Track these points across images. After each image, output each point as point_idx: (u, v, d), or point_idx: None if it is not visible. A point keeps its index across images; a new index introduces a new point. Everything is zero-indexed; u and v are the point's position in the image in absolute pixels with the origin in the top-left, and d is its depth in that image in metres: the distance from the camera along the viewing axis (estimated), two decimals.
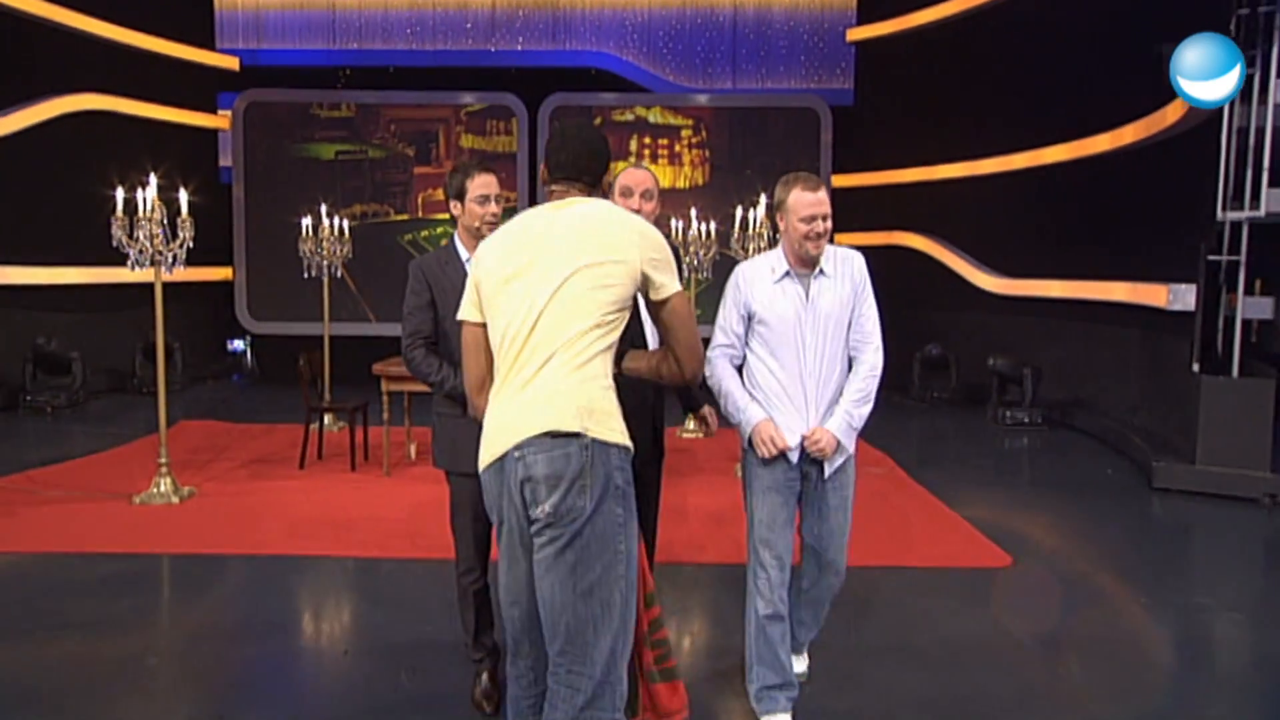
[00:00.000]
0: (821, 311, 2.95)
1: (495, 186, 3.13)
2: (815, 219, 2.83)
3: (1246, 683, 3.74)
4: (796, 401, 2.97)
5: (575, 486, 1.96)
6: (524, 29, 12.38)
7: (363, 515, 5.64)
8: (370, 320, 11.56)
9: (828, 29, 12.18)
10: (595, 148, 2.32)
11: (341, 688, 3.50)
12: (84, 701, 3.25)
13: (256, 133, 11.77)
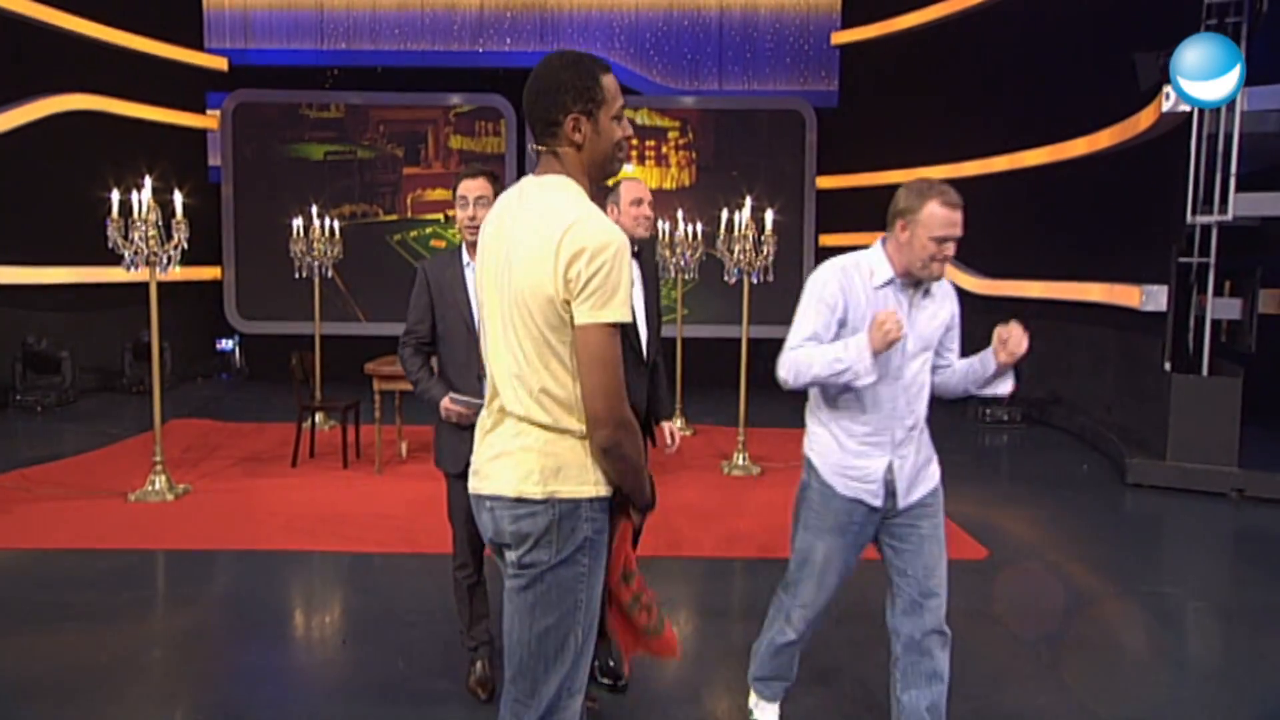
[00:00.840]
0: (920, 332, 2.62)
1: (477, 189, 3.06)
2: (948, 241, 2.50)
3: (1212, 668, 3.93)
4: (883, 435, 2.62)
5: (541, 542, 1.89)
6: (512, 30, 12.50)
7: (355, 511, 5.75)
8: (360, 320, 11.66)
9: (813, 32, 12.37)
10: (540, 86, 1.88)
11: (338, 677, 3.62)
12: (88, 692, 3.36)
13: (245, 133, 11.85)
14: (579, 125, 1.85)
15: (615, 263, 1.77)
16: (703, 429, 8.41)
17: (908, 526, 2.67)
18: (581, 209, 1.82)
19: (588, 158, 1.89)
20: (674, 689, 3.47)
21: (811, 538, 2.72)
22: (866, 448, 2.62)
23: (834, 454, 2.66)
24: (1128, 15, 7.74)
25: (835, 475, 2.67)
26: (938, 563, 2.66)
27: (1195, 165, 6.45)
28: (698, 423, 8.52)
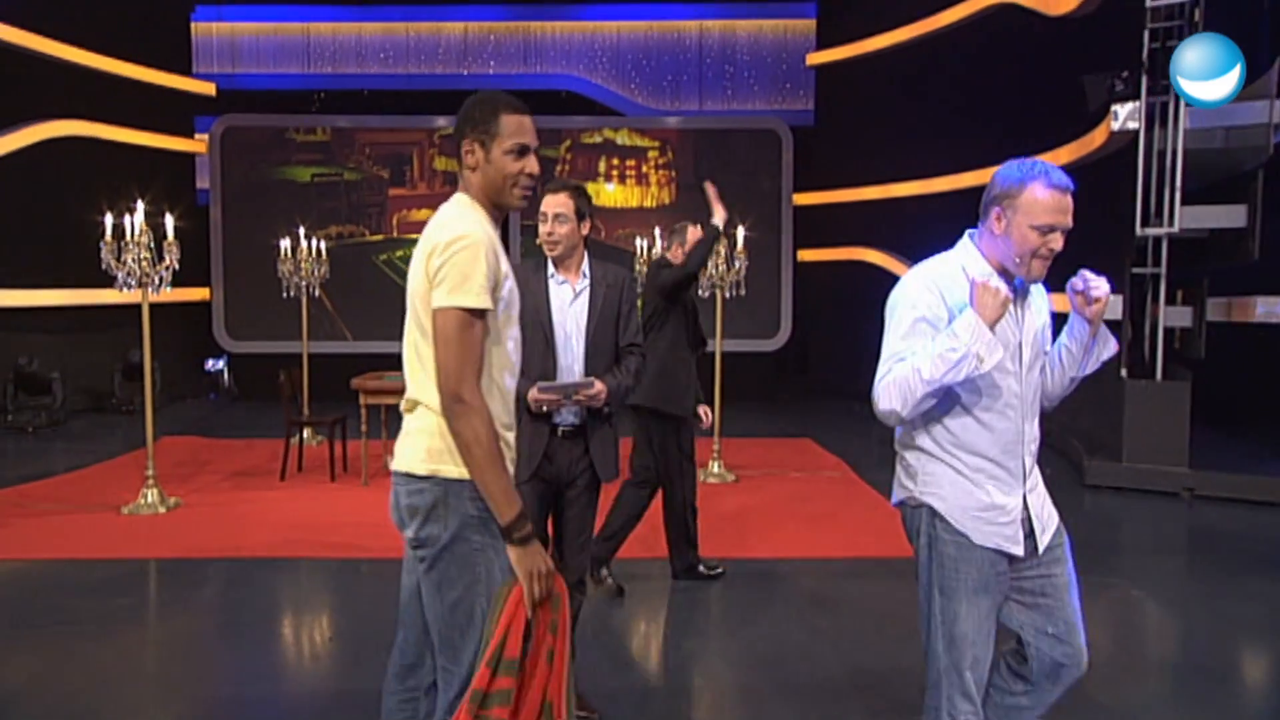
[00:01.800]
0: (1031, 338, 2.27)
1: (556, 205, 3.04)
2: (1054, 231, 2.13)
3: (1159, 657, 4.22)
4: (1013, 462, 2.22)
5: (430, 518, 2.05)
6: (496, 53, 12.83)
7: (342, 521, 5.99)
8: (347, 338, 11.90)
9: (789, 53, 12.75)
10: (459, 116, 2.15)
11: (326, 678, 3.87)
12: (87, 693, 3.57)
13: (233, 156, 12.11)
14: (473, 151, 2.11)
15: (466, 254, 1.97)
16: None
17: (1042, 577, 2.26)
18: (454, 215, 2.07)
19: (480, 181, 2.12)
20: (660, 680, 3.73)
21: (954, 605, 2.19)
22: (998, 482, 2.19)
23: (963, 494, 2.19)
24: (1079, 39, 8.12)
25: (969, 519, 2.18)
26: (1077, 615, 2.29)
27: (1144, 181, 6.80)
28: None
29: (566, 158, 12.49)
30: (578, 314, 3.11)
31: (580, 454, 3.09)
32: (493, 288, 2.04)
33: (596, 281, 3.16)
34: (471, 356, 2.01)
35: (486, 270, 2.01)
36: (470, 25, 12.79)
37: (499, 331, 2.11)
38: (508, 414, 2.17)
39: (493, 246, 2.06)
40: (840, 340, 11.50)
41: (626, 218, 12.25)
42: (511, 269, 2.36)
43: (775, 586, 4.82)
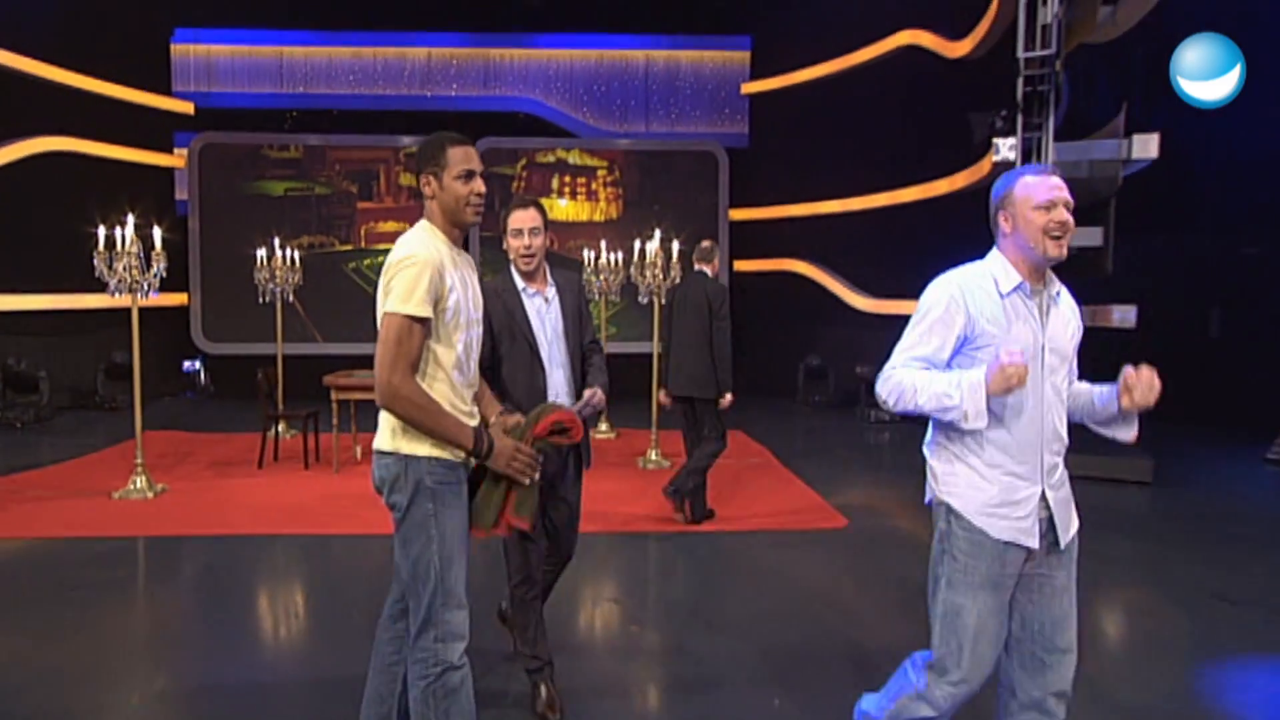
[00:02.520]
0: (1055, 343, 2.22)
1: (530, 220, 3.06)
2: (1056, 204, 2.13)
3: None
4: (1030, 461, 2.20)
5: (394, 488, 2.33)
6: (457, 77, 13.04)
7: (315, 504, 6.29)
8: (317, 340, 12.11)
9: (726, 82, 13.18)
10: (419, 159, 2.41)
11: (300, 637, 4.22)
12: (88, 652, 3.87)
13: (211, 171, 12.23)
14: (429, 183, 2.37)
15: (413, 270, 2.22)
16: (624, 431, 9.12)
17: (1042, 576, 2.25)
18: (410, 239, 2.33)
19: (438, 208, 2.38)
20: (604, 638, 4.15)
21: (959, 597, 2.21)
22: (1014, 479, 2.19)
23: (980, 491, 2.20)
24: (972, 80, 8.74)
25: (984, 516, 2.19)
26: (1068, 616, 2.25)
27: None
28: (620, 426, 9.23)
29: (522, 175, 12.82)
30: (554, 321, 3.12)
31: (567, 449, 3.06)
32: (435, 300, 2.27)
33: (561, 288, 3.17)
34: (405, 354, 2.24)
35: (428, 285, 2.24)
36: (433, 51, 12.97)
37: (448, 335, 2.35)
38: (462, 401, 2.41)
39: (438, 266, 2.28)
40: (772, 342, 12.01)
41: (577, 231, 12.64)
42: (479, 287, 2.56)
43: (710, 553, 5.29)
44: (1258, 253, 9.06)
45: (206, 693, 3.37)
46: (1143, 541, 5.68)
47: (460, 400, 2.40)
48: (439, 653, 2.32)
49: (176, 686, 3.47)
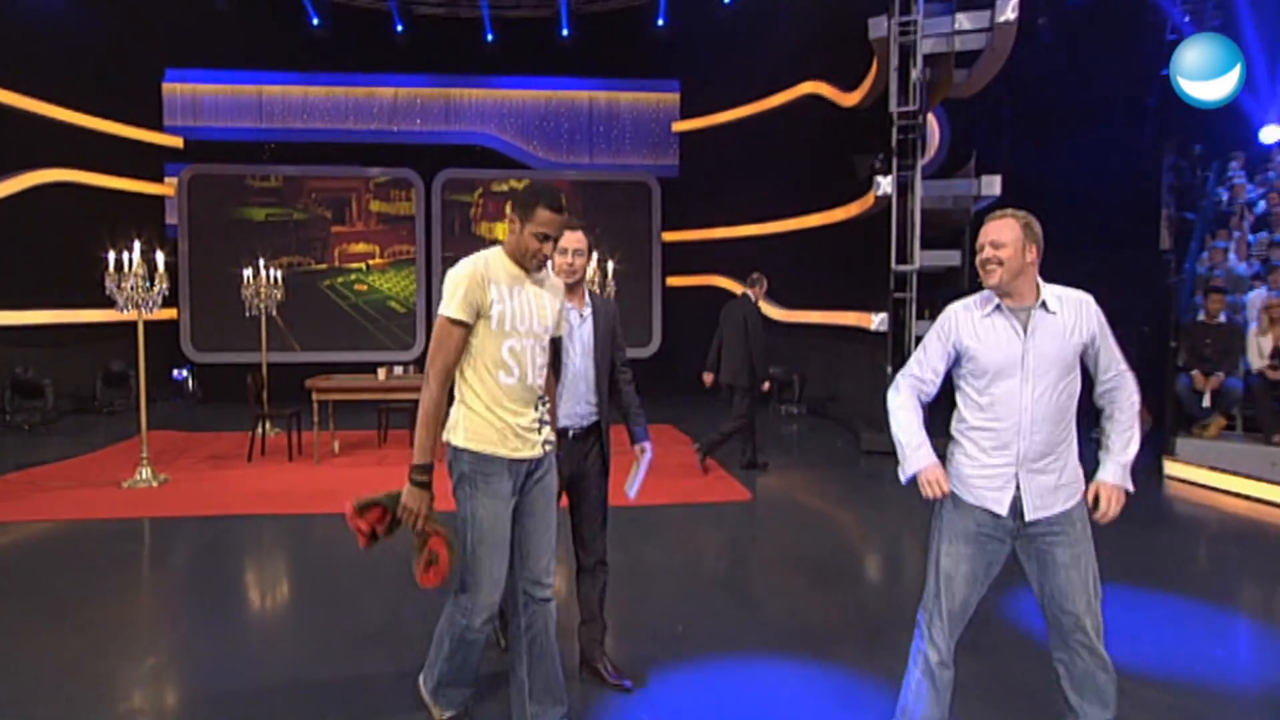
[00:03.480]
0: (1041, 351, 2.41)
1: (577, 242, 3.00)
2: (983, 247, 2.45)
3: (905, 571, 5.43)
4: (1009, 448, 2.42)
5: (451, 471, 2.55)
6: (421, 113, 13.36)
7: (299, 490, 6.70)
8: (295, 349, 12.42)
9: (660, 120, 13.78)
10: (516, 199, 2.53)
11: (289, 600, 4.70)
12: (110, 608, 4.27)
13: (198, 198, 12.47)
14: (514, 221, 2.51)
15: (451, 281, 2.43)
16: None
17: (1042, 550, 2.45)
18: (473, 255, 2.51)
19: (513, 244, 2.52)
20: None
21: (941, 544, 2.53)
22: (993, 457, 2.43)
23: (966, 465, 2.49)
24: (861, 125, 9.51)
25: (962, 483, 2.50)
26: (1076, 591, 2.41)
27: (897, 232, 8.15)
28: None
29: (479, 202, 13.28)
30: (585, 337, 3.08)
31: (589, 448, 3.11)
32: (475, 307, 2.44)
33: (596, 310, 3.14)
34: (441, 351, 2.43)
35: (465, 294, 2.42)
36: (400, 90, 13.26)
37: (492, 339, 2.47)
38: (507, 398, 2.51)
39: (479, 279, 2.44)
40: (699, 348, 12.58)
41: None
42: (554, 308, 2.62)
43: (630, 522, 5.86)
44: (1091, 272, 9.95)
45: (212, 645, 3.72)
46: None
47: (506, 397, 2.51)
48: (465, 614, 2.56)
49: (186, 642, 3.79)
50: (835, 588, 4.58)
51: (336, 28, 12.63)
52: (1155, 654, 3.60)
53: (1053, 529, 2.43)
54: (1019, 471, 2.41)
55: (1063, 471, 2.43)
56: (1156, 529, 5.75)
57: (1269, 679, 3.46)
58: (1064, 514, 2.43)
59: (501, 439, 2.51)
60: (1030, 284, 2.44)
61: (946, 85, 7.92)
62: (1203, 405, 7.02)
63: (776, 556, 5.17)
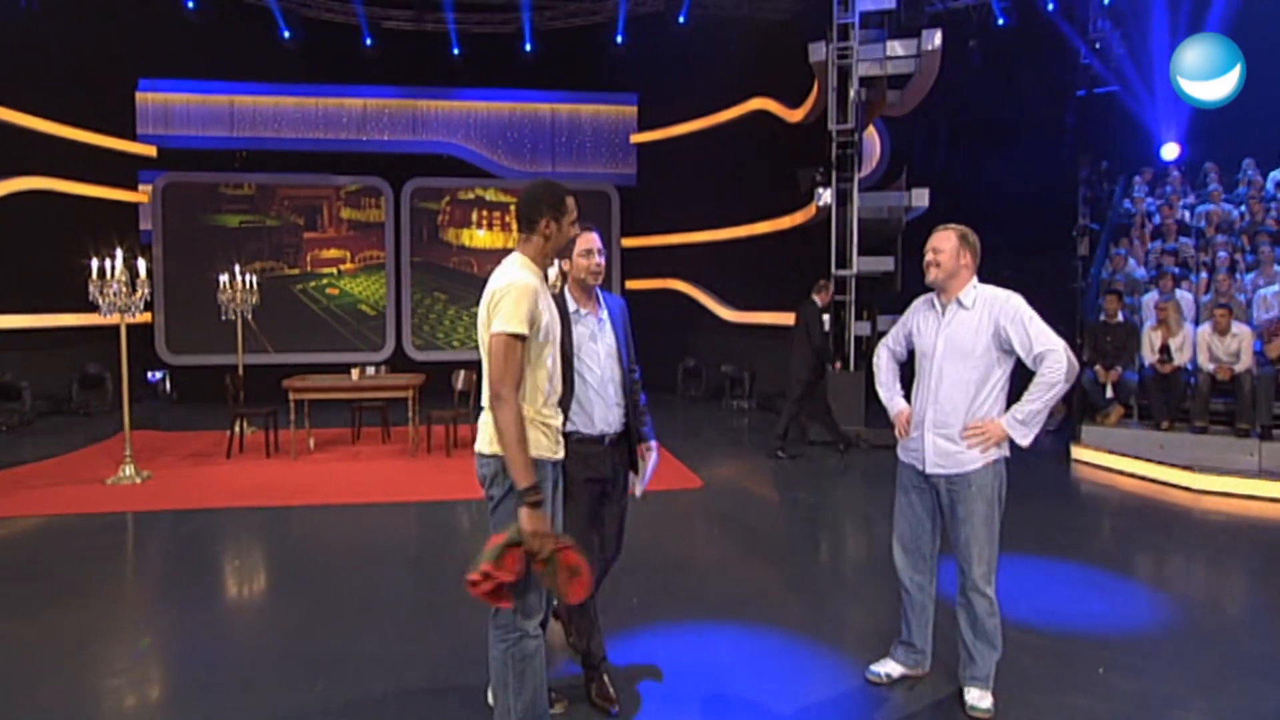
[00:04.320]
0: (952, 340, 2.89)
1: (600, 242, 2.93)
2: (929, 250, 2.94)
3: (844, 545, 5.81)
4: (922, 415, 2.96)
5: (493, 483, 2.43)
6: (389, 124, 13.39)
7: (277, 484, 6.84)
8: (268, 351, 12.46)
9: (619, 132, 14.04)
10: (529, 195, 2.46)
11: (270, 583, 4.91)
12: (105, 593, 4.45)
13: (173, 206, 12.41)
14: (549, 225, 2.45)
15: (516, 294, 2.32)
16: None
17: (949, 505, 2.93)
18: (512, 270, 2.41)
19: (552, 247, 2.49)
20: None
21: (896, 493, 3.12)
22: (915, 421, 2.99)
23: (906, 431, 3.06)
24: (806, 140, 9.92)
25: (901, 447, 3.09)
26: (965, 544, 2.87)
27: (836, 239, 8.57)
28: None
29: (446, 209, 13.43)
30: (609, 340, 2.93)
31: (621, 456, 3.01)
32: (531, 321, 2.35)
33: (612, 310, 3.01)
34: (511, 368, 2.31)
35: (528, 309, 2.34)
36: (369, 101, 13.28)
37: (540, 351, 2.43)
38: (549, 407, 2.49)
39: (536, 293, 2.37)
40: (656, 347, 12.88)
41: (493, 257, 13.26)
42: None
43: None
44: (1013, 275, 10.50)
45: (198, 627, 3.89)
46: None
47: (546, 403, 2.50)
48: (517, 622, 2.41)
49: (175, 621, 3.97)
50: (779, 561, 4.94)
51: (307, 40, 12.67)
52: (1045, 609, 4.02)
53: (954, 487, 2.88)
54: (925, 432, 2.93)
55: (955, 434, 2.88)
56: (1063, 506, 6.23)
57: (1133, 625, 3.89)
58: (962, 475, 2.87)
59: (552, 443, 2.51)
60: (960, 284, 2.91)
61: (881, 105, 8.36)
62: (1105, 396, 7.55)
63: (725, 536, 5.51)
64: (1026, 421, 2.80)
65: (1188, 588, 4.60)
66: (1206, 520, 5.88)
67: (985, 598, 2.87)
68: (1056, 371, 2.76)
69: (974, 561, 2.86)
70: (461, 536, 5.60)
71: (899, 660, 3.25)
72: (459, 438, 8.45)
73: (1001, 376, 2.89)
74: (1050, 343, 2.79)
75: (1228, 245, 9.01)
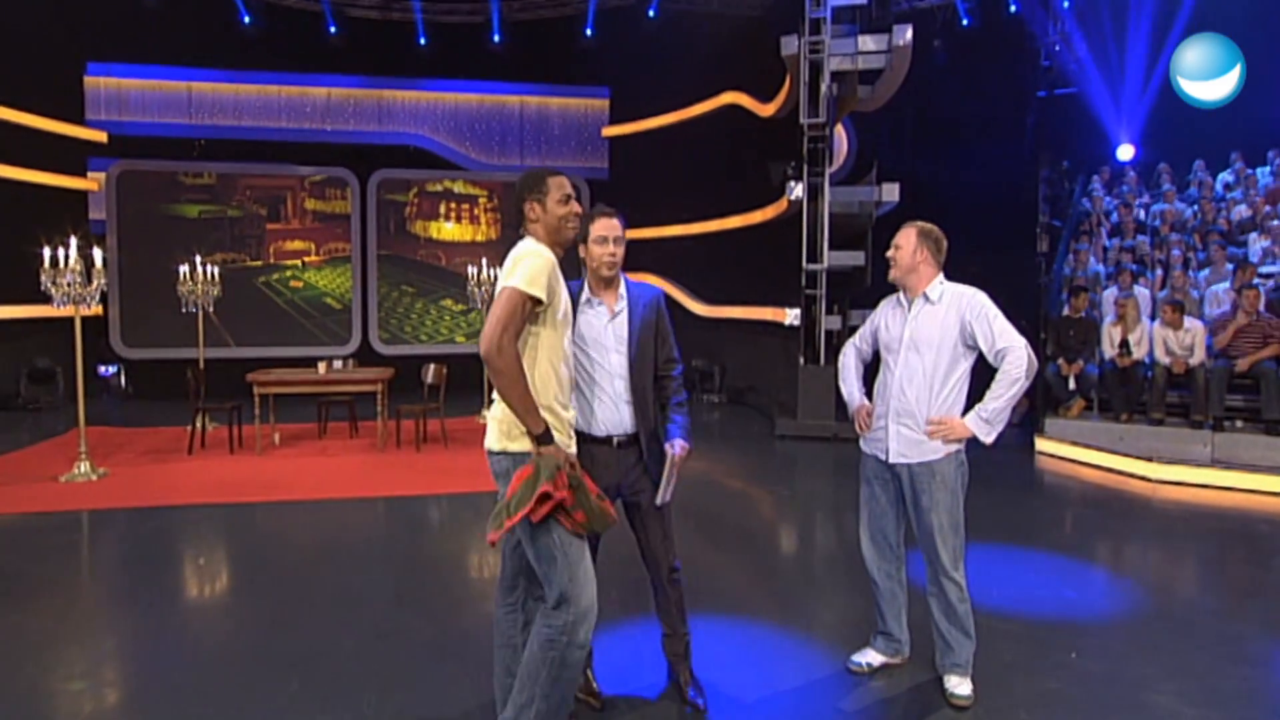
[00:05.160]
0: (916, 334, 2.91)
1: (616, 230, 2.71)
2: (890, 247, 3.01)
3: (810, 538, 5.83)
4: (883, 405, 2.98)
5: (503, 480, 2.29)
6: (355, 114, 13.12)
7: (242, 480, 6.66)
8: (230, 344, 12.15)
9: (589, 125, 13.96)
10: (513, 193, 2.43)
11: (229, 583, 4.78)
12: (62, 592, 4.32)
13: (128, 195, 12.00)
14: (534, 208, 2.36)
15: (535, 260, 2.23)
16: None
17: (911, 495, 2.94)
18: (529, 245, 2.32)
19: (542, 229, 2.37)
20: None
21: (860, 485, 3.14)
22: (879, 416, 3.00)
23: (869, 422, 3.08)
24: (778, 134, 9.97)
25: (864, 439, 3.10)
26: (930, 532, 2.89)
27: (807, 233, 8.62)
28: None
29: (414, 201, 13.22)
30: (619, 332, 2.70)
31: (636, 457, 2.74)
32: (549, 292, 2.25)
33: (634, 301, 2.76)
34: (514, 323, 2.17)
35: (547, 277, 2.24)
36: (333, 90, 13.00)
37: (556, 328, 2.31)
38: (563, 393, 2.36)
39: (555, 268, 2.30)
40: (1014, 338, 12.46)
41: (462, 249, 13.18)
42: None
43: None
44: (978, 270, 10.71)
45: (162, 629, 3.78)
46: None
47: (562, 393, 2.38)
48: (571, 628, 2.25)
49: (138, 624, 3.86)
50: (746, 553, 4.95)
51: (268, 26, 12.35)
52: (1018, 596, 4.09)
53: (917, 476, 2.90)
54: (888, 423, 2.95)
55: (919, 425, 2.90)
56: (1029, 496, 6.36)
57: (1103, 611, 3.98)
58: (925, 465, 2.89)
59: (565, 438, 2.36)
60: (922, 279, 2.94)
61: (853, 100, 8.42)
62: (1068, 389, 7.72)
63: (694, 528, 5.50)
64: (991, 419, 2.83)
65: (1152, 574, 4.71)
66: (1165, 509, 6.05)
67: (955, 583, 2.91)
68: (1018, 368, 2.79)
69: (939, 549, 2.89)
70: (431, 531, 5.51)
71: (879, 649, 3.28)
72: (428, 432, 8.32)
73: (964, 371, 2.93)
74: (1012, 340, 2.83)
75: (1181, 243, 9.27)
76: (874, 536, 3.12)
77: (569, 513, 2.26)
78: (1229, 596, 4.32)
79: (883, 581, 3.15)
